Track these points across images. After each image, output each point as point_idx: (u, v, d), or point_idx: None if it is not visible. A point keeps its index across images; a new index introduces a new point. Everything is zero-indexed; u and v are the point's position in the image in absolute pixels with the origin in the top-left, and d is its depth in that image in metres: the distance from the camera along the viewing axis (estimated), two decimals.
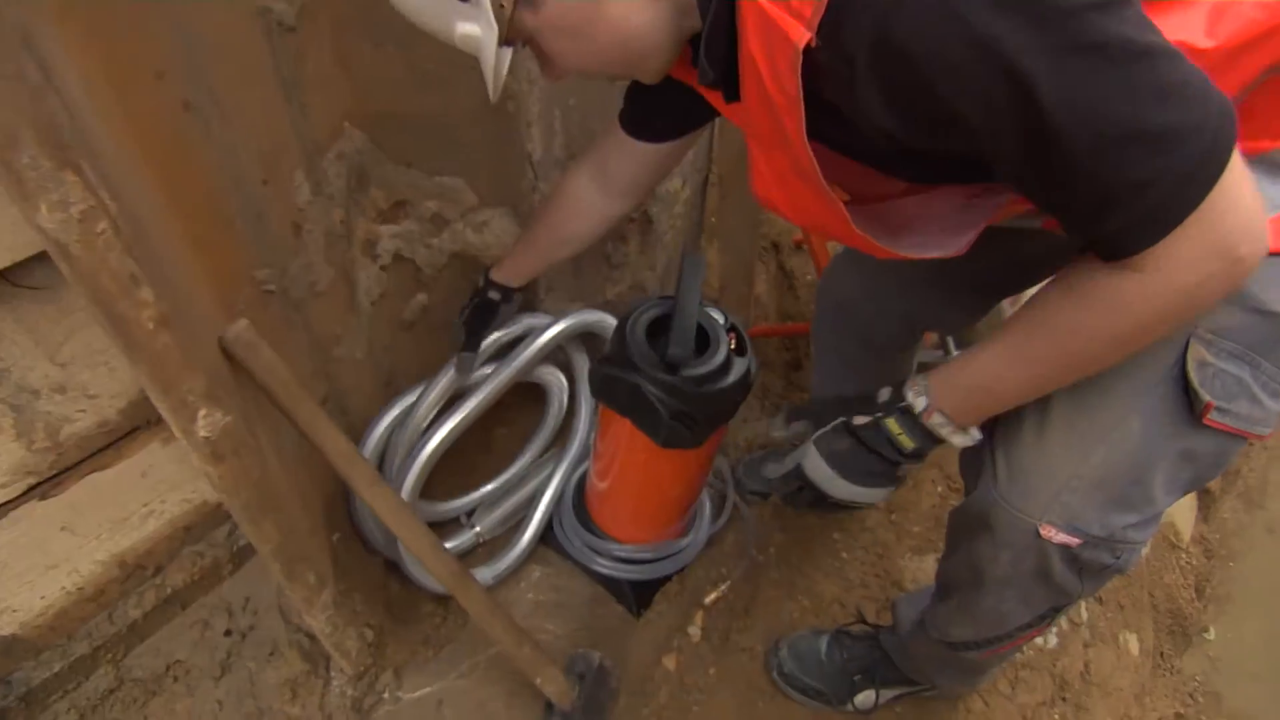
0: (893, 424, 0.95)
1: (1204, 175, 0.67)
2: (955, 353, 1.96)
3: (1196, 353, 0.91)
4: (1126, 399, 0.94)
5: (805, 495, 1.06)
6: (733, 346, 1.33)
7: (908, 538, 1.75)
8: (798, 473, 1.05)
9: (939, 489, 1.82)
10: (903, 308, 1.42)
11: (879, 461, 0.98)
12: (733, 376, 1.29)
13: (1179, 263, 0.71)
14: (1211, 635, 2.01)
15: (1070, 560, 1.02)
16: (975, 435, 0.94)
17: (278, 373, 1.13)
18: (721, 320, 1.35)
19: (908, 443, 0.95)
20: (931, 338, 2.03)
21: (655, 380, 1.26)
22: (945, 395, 0.92)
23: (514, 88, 1.30)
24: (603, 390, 1.34)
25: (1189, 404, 0.91)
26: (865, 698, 1.46)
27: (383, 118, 1.30)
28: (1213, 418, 0.90)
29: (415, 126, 1.33)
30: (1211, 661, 2.00)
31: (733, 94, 0.84)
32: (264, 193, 1.14)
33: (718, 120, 1.17)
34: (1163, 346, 0.91)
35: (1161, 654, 1.79)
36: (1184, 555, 1.96)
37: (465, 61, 1.26)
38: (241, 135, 1.07)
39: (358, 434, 1.57)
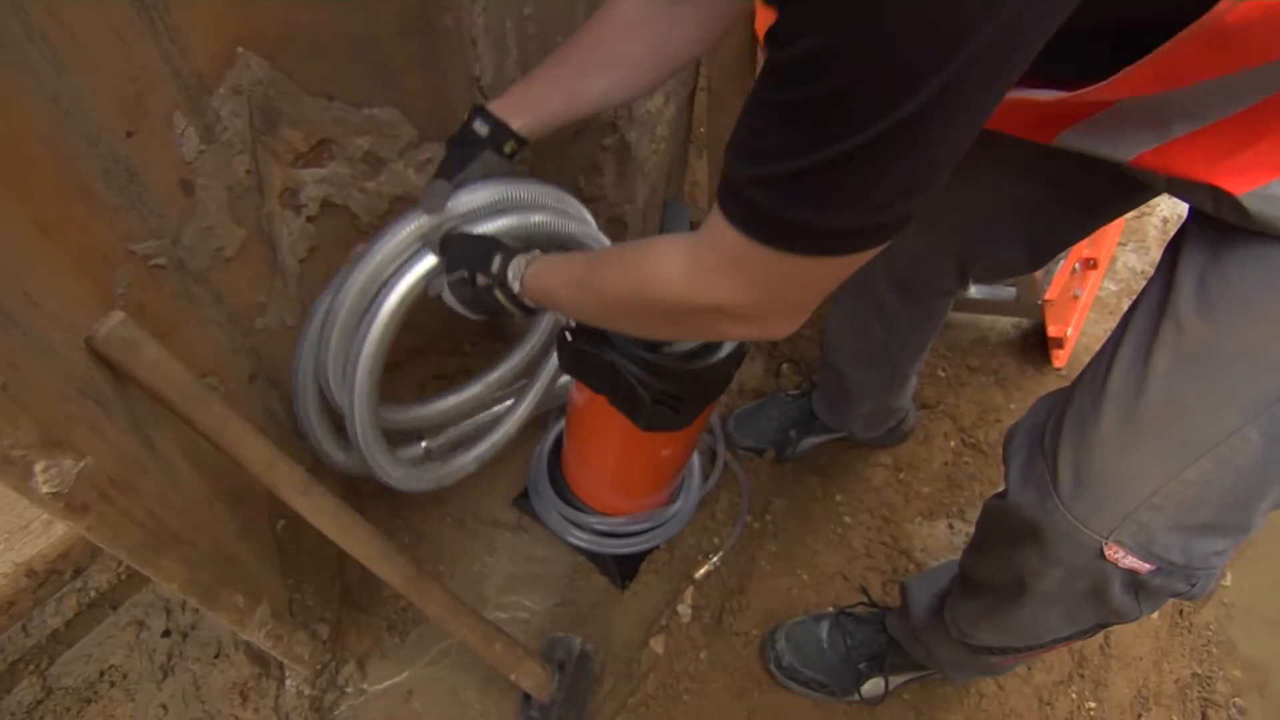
0: (500, 295, 0.99)
1: (864, 239, 0.60)
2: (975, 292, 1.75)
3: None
4: (1244, 405, 0.74)
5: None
6: None
7: (916, 500, 1.60)
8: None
9: (951, 443, 1.65)
10: (954, 245, 1.17)
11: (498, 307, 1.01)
12: (725, 349, 1.10)
13: (740, 276, 0.65)
14: (1229, 580, 1.91)
15: (1132, 585, 0.86)
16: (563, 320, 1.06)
17: (168, 372, 0.92)
18: None
19: (514, 311, 1.00)
20: None
21: (634, 358, 1.06)
22: (531, 289, 0.96)
23: None
24: (574, 366, 1.15)
25: None
26: (873, 686, 1.34)
27: (288, 40, 1.04)
28: None
29: (332, 49, 1.07)
30: (1226, 609, 1.90)
31: None
32: (131, 147, 0.90)
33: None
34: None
35: (1180, 611, 1.68)
36: None
37: None
38: (86, 78, 0.82)
39: None
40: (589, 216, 1.22)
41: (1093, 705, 1.44)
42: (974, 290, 1.73)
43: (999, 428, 1.72)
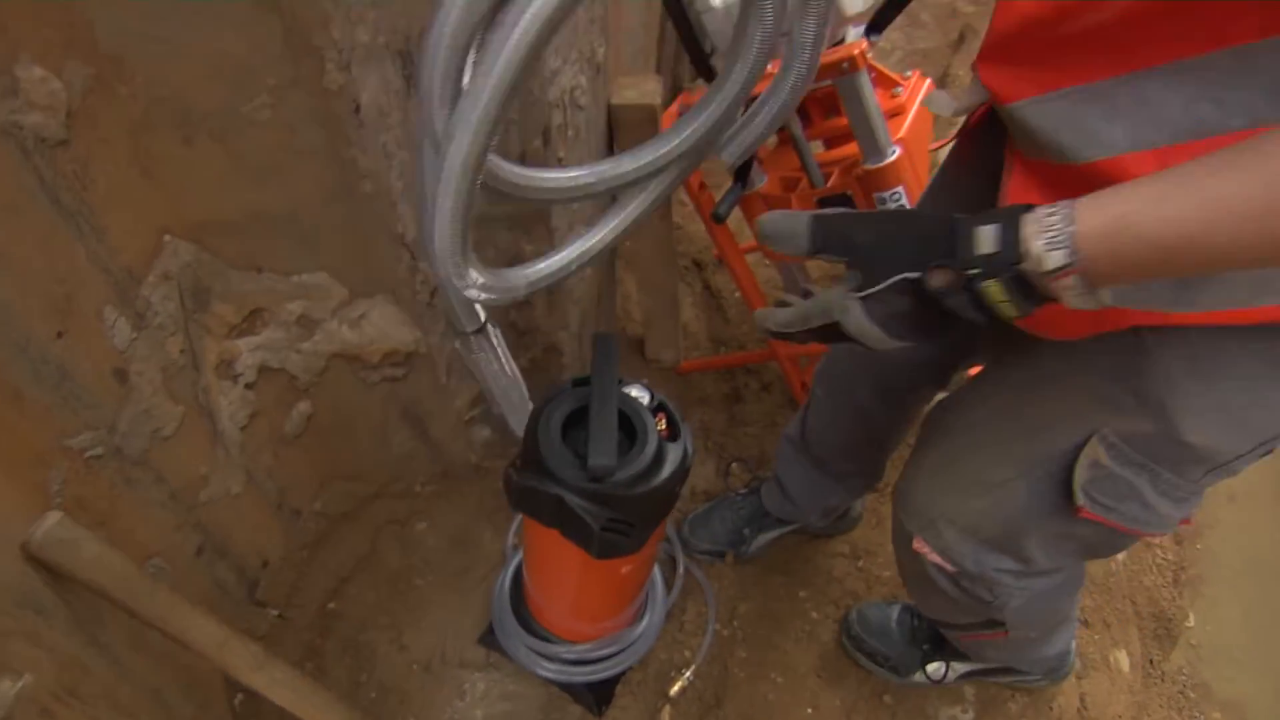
0: (994, 288, 0.60)
1: None
2: None
3: (1094, 452, 0.85)
4: (1021, 462, 0.93)
5: (814, 334, 0.74)
6: (663, 430, 1.16)
7: (878, 585, 1.61)
8: (822, 320, 0.71)
9: None
10: (939, 352, 1.21)
11: (947, 319, 0.66)
12: (668, 469, 1.12)
13: None
14: (1192, 621, 1.94)
15: (952, 581, 1.08)
16: (1106, 300, 0.59)
17: (110, 566, 0.91)
18: (647, 399, 1.18)
19: (1009, 311, 0.61)
20: None
21: (579, 490, 1.08)
22: (1099, 244, 0.56)
23: (370, 165, 1.09)
24: (522, 502, 1.16)
25: (1070, 493, 0.89)
26: (936, 669, 1.46)
27: (213, 223, 1.08)
28: (1094, 513, 0.88)
29: (257, 226, 1.11)
30: (1195, 650, 1.93)
31: None
32: (61, 347, 0.91)
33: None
34: (1072, 424, 0.86)
35: (1151, 661, 1.71)
36: (1158, 551, 1.88)
37: (302, 144, 1.06)
38: (14, 287, 0.84)
39: (246, 569, 1.36)
40: None
41: None
42: None
43: None
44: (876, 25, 1.50)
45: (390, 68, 1.03)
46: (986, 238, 0.59)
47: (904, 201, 1.49)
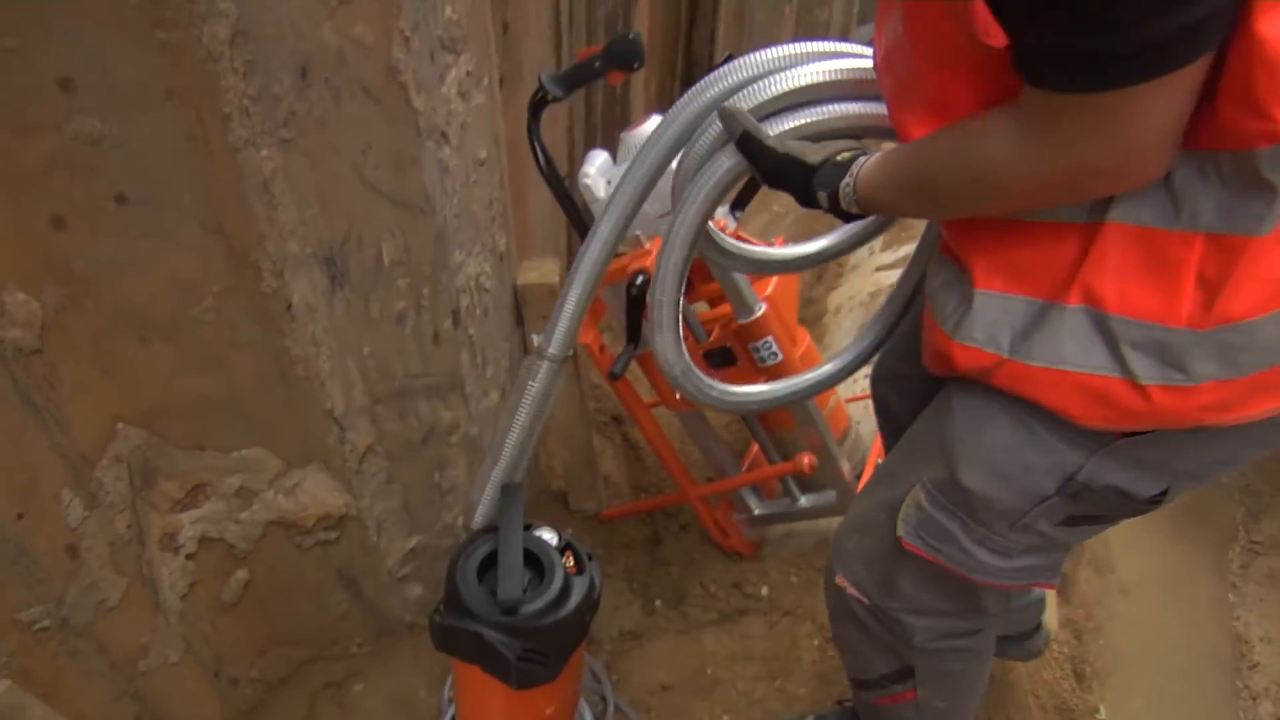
0: (822, 196, 0.91)
1: (1153, 60, 0.61)
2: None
3: (915, 496, 1.00)
4: (886, 497, 1.07)
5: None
6: (570, 566, 1.30)
7: (796, 702, 1.71)
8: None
9: (815, 642, 1.81)
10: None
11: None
12: (574, 600, 1.26)
13: (1070, 131, 0.67)
14: (1103, 714, 2.05)
15: (870, 613, 1.16)
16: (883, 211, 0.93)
17: None
18: (554, 540, 1.33)
19: (827, 205, 0.92)
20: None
21: (494, 624, 1.20)
22: (867, 206, 0.88)
23: (301, 353, 1.28)
24: (444, 642, 1.27)
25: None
26: None
27: (161, 410, 1.24)
28: (924, 550, 1.01)
29: (200, 411, 1.27)
30: None
31: None
32: (21, 528, 1.04)
33: None
34: (923, 467, 0.99)
35: None
36: (1057, 646, 2.01)
37: (241, 338, 1.24)
38: None
39: None
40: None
41: None
42: (803, 500, 1.98)
43: None
44: (739, 203, 1.80)
45: (317, 271, 1.24)
46: (822, 198, 0.91)
47: (776, 351, 1.73)
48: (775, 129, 0.97)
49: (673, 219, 1.10)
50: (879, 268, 3.15)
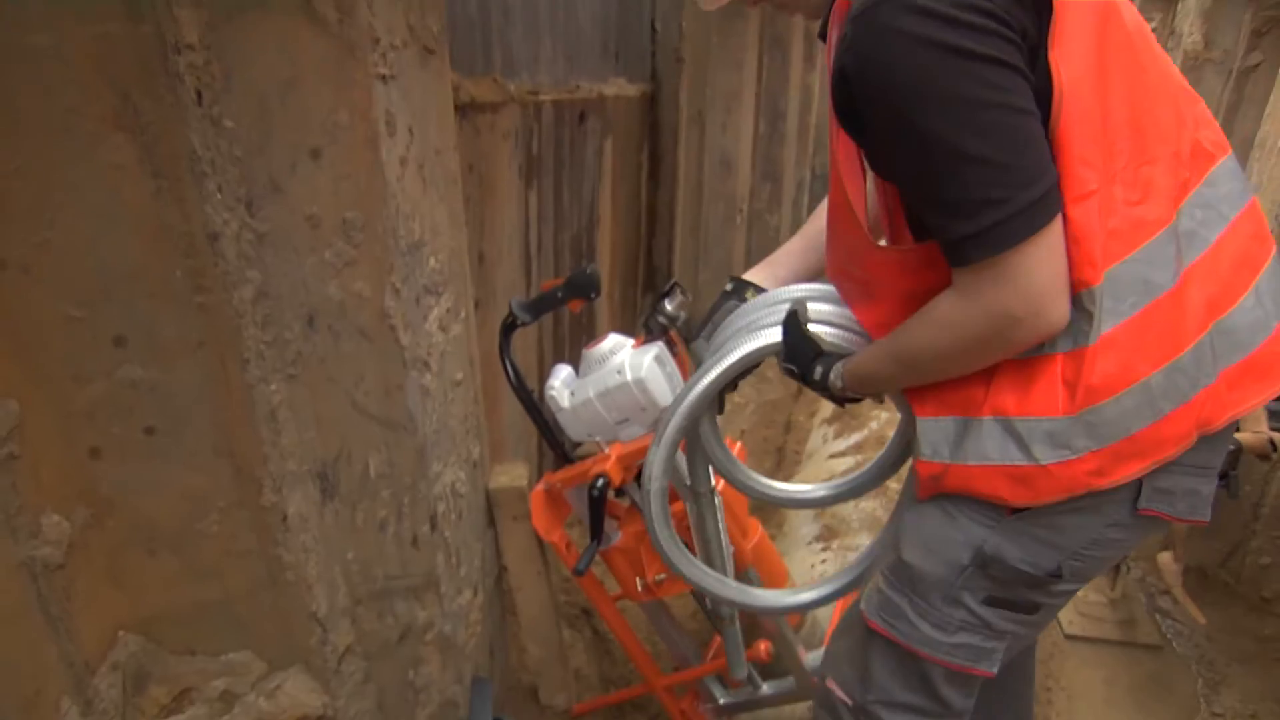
0: (820, 393, 1.22)
1: (1003, 235, 0.89)
2: None
3: (876, 581, 1.23)
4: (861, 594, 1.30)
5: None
6: None
7: None
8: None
9: None
10: None
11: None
12: None
13: (973, 299, 0.94)
14: None
15: (852, 715, 1.30)
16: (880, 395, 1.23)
17: None
18: None
19: (831, 400, 1.23)
20: None
21: None
22: (852, 384, 1.16)
23: (292, 559, 1.41)
24: None
25: None
26: None
27: (159, 618, 1.35)
28: (882, 627, 1.20)
29: (195, 617, 1.39)
30: None
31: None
32: None
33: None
34: (883, 559, 1.24)
35: None
36: None
37: (239, 547, 1.38)
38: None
39: None
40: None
41: None
42: (765, 687, 2.05)
43: None
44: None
45: (311, 485, 1.41)
46: (818, 372, 1.19)
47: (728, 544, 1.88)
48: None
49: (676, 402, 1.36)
50: (832, 455, 3.36)
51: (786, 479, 3.41)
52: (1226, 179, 1.04)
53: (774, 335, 1.26)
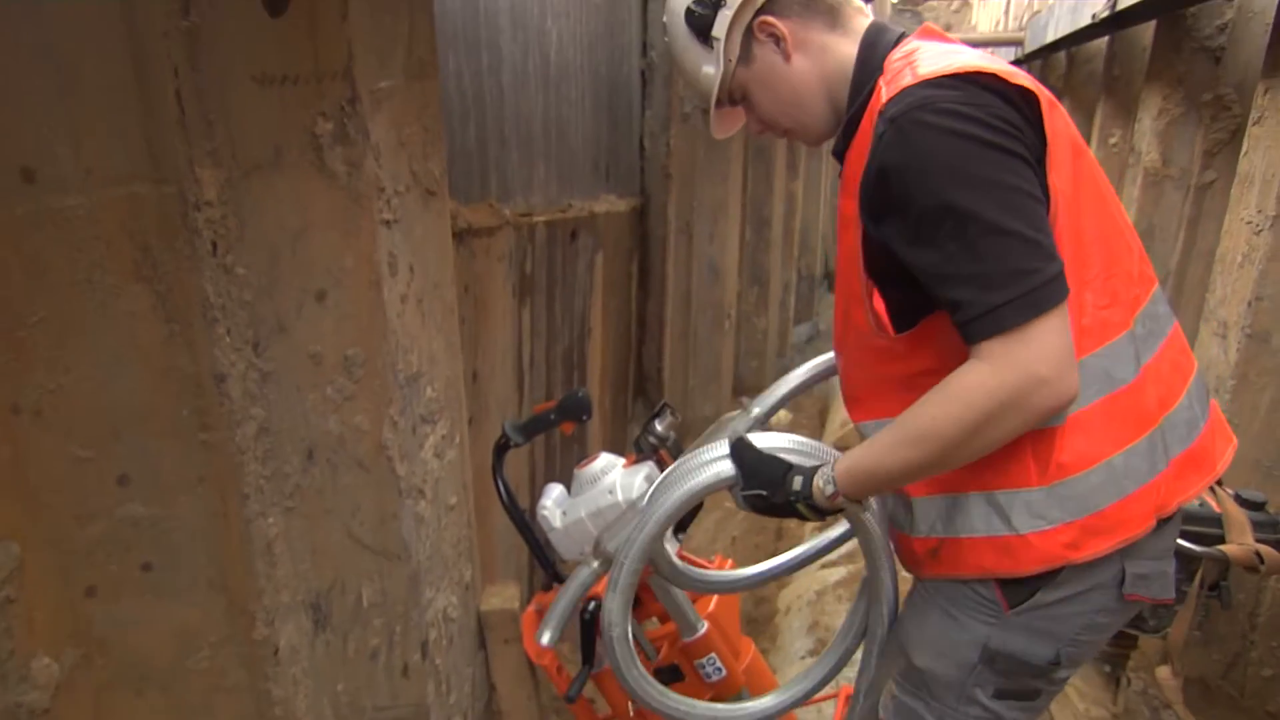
0: (802, 508, 1.12)
1: (1034, 301, 0.95)
2: None
3: (890, 688, 1.25)
4: (870, 701, 1.30)
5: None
6: None
7: None
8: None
9: None
10: None
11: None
12: None
13: (1003, 364, 0.97)
14: None
15: None
16: (872, 506, 1.17)
17: None
18: None
19: (813, 518, 1.14)
20: None
21: None
22: (848, 486, 1.08)
23: (279, 694, 1.40)
24: None
25: None
26: None
27: None
28: None
29: None
30: None
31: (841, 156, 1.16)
32: None
33: None
34: (892, 665, 1.24)
35: None
36: None
37: (229, 683, 1.37)
38: None
39: None
40: None
41: None
42: None
43: None
44: (682, 525, 2.03)
45: (303, 616, 1.41)
46: (798, 483, 1.11)
47: (720, 667, 1.87)
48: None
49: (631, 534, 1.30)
50: (824, 564, 3.34)
51: (781, 587, 3.38)
52: (1160, 302, 1.20)
53: (720, 469, 1.22)
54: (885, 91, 1.04)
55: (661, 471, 1.82)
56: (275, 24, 1.18)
